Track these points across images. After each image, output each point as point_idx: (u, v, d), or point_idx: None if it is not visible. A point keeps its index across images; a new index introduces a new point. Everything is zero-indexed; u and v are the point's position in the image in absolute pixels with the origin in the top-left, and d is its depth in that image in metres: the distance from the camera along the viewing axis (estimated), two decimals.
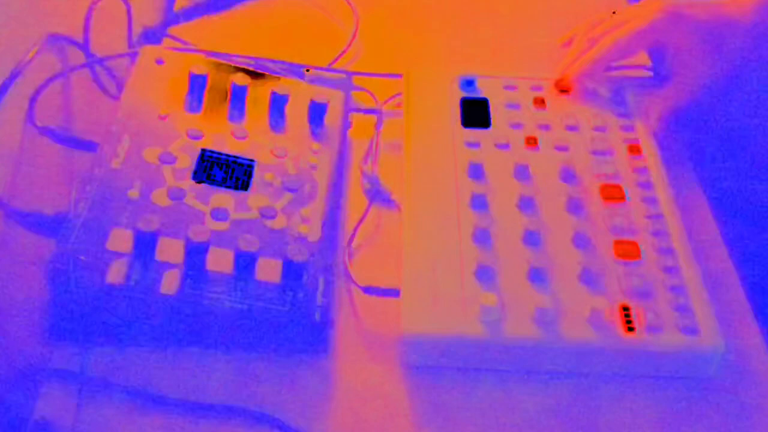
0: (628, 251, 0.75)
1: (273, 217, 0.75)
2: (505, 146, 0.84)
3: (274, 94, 0.84)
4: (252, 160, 0.79)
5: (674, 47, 0.88)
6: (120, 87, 0.86)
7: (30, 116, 0.77)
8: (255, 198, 0.76)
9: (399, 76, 0.92)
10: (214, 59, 0.89)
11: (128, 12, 0.92)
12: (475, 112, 0.87)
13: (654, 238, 0.76)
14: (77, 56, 0.85)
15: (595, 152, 0.84)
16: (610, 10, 1.08)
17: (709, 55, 0.87)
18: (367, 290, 0.74)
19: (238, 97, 0.84)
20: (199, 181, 0.76)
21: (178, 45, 0.97)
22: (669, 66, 0.89)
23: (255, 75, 0.87)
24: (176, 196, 0.74)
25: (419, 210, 0.77)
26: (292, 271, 0.71)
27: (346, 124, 0.88)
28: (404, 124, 0.87)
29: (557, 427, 0.68)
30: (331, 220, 0.78)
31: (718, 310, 0.72)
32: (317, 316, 0.70)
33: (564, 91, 0.90)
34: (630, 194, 0.80)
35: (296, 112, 0.85)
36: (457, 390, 0.70)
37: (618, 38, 0.89)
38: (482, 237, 0.75)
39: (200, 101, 0.83)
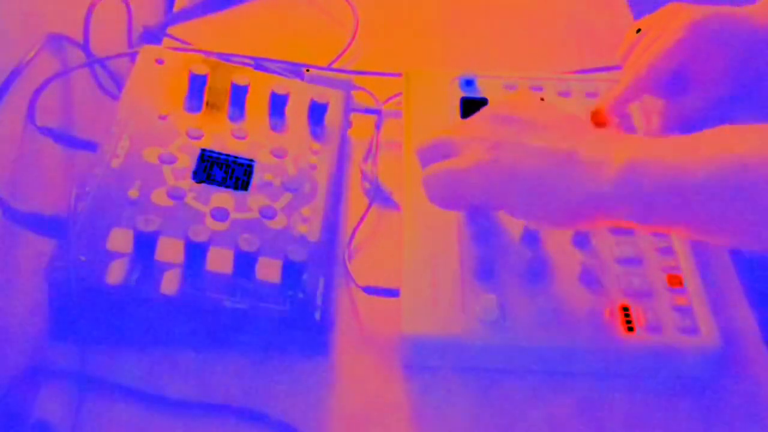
0: None
1: (273, 217, 0.75)
2: None
3: (274, 94, 0.84)
4: (252, 160, 0.79)
5: (700, 58, 0.84)
6: (120, 87, 0.86)
7: (30, 116, 0.77)
8: (255, 198, 0.76)
9: (399, 76, 0.92)
10: (214, 59, 0.89)
11: (128, 12, 0.92)
12: (475, 112, 0.87)
13: (654, 238, 0.76)
14: (77, 56, 0.85)
15: None
16: (608, 9, 1.09)
17: (733, 66, 0.84)
18: (367, 290, 0.74)
19: (238, 97, 0.84)
20: (199, 181, 0.76)
21: (178, 45, 0.97)
22: (688, 74, 0.86)
23: (255, 75, 0.87)
24: (176, 196, 0.74)
25: (419, 210, 0.77)
26: (292, 271, 0.71)
27: (346, 124, 0.88)
28: (404, 124, 0.87)
29: (556, 427, 0.68)
30: (331, 220, 0.78)
31: (717, 311, 0.72)
32: (317, 316, 0.70)
33: (600, 125, 0.85)
34: None
35: (296, 112, 0.85)
36: (457, 390, 0.70)
37: (651, 61, 0.84)
38: (482, 237, 0.75)
39: (200, 101, 0.83)
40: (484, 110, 0.73)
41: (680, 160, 0.62)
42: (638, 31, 0.88)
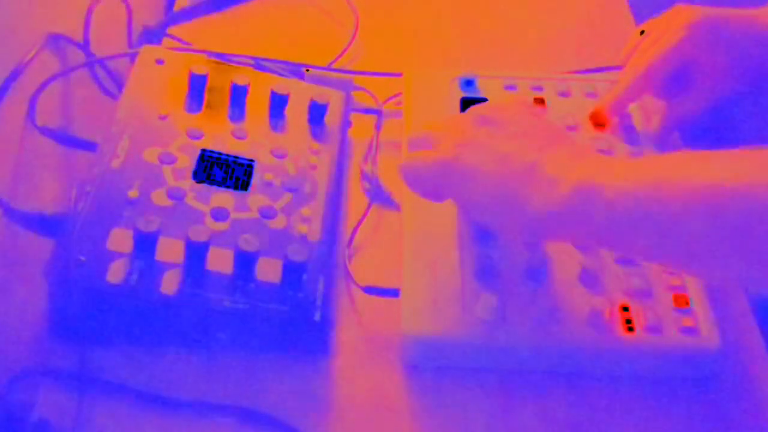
0: None
1: (273, 217, 0.75)
2: None
3: (274, 94, 0.84)
4: (252, 160, 0.79)
5: (701, 60, 0.84)
6: (120, 87, 0.86)
7: (30, 116, 0.77)
8: (255, 198, 0.76)
9: (399, 76, 0.92)
10: (214, 59, 0.89)
11: (128, 12, 0.92)
12: None
13: None
14: (77, 56, 0.85)
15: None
16: (608, 9, 1.09)
17: (735, 68, 0.84)
18: (367, 290, 0.74)
19: (238, 97, 0.84)
20: (199, 181, 0.76)
21: (178, 45, 0.97)
22: (689, 76, 0.85)
23: (255, 75, 0.87)
24: (176, 196, 0.74)
25: (419, 210, 0.77)
26: (292, 271, 0.71)
27: (346, 124, 0.88)
28: (404, 124, 0.87)
29: (556, 427, 0.68)
30: (331, 220, 0.78)
31: (717, 311, 0.72)
32: (317, 316, 0.70)
33: (600, 125, 0.86)
34: None
35: (296, 112, 0.85)
36: (457, 390, 0.70)
37: (650, 61, 0.84)
38: (482, 237, 0.75)
39: (200, 101, 0.83)
40: (471, 109, 0.73)
41: (628, 187, 0.61)
42: (642, 33, 0.88)
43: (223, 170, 0.77)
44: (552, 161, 0.65)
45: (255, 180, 0.77)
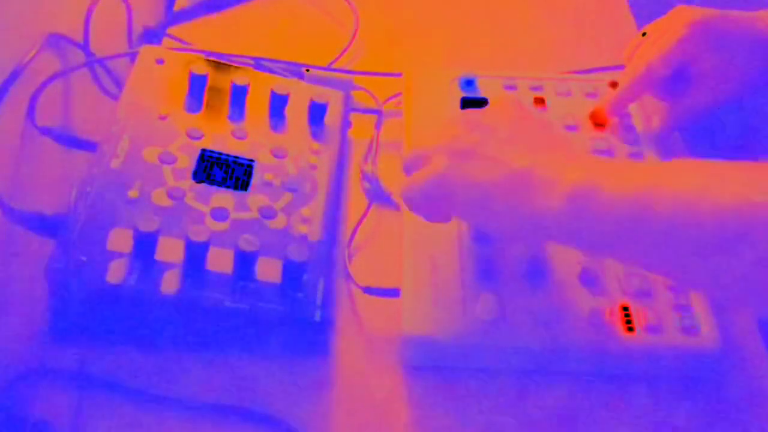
0: None
1: (273, 217, 0.75)
2: None
3: (274, 94, 0.84)
4: (252, 160, 0.79)
5: (700, 60, 0.84)
6: (120, 87, 0.86)
7: (30, 116, 0.77)
8: (255, 198, 0.76)
9: (399, 76, 0.92)
10: (214, 59, 0.89)
11: (128, 12, 0.92)
12: None
13: None
14: (77, 56, 0.85)
15: (594, 152, 0.84)
16: (608, 9, 1.09)
17: (734, 70, 0.84)
18: (367, 290, 0.74)
19: (238, 97, 0.84)
20: (199, 181, 0.76)
21: (178, 45, 0.97)
22: (689, 77, 0.85)
23: (255, 75, 0.87)
24: (176, 196, 0.74)
25: None
26: (292, 271, 0.71)
27: (346, 124, 0.88)
28: (404, 124, 0.87)
29: (556, 427, 0.68)
30: (331, 220, 0.78)
31: (717, 311, 0.72)
32: (317, 316, 0.70)
33: (600, 125, 0.86)
34: None
35: (296, 112, 0.85)
36: (457, 390, 0.70)
37: (650, 60, 0.84)
38: (482, 237, 0.75)
39: (200, 101, 0.83)
40: (462, 114, 0.72)
41: (627, 191, 0.60)
42: (644, 34, 0.88)
43: (223, 170, 0.77)
44: (548, 164, 0.64)
45: (255, 180, 0.77)
